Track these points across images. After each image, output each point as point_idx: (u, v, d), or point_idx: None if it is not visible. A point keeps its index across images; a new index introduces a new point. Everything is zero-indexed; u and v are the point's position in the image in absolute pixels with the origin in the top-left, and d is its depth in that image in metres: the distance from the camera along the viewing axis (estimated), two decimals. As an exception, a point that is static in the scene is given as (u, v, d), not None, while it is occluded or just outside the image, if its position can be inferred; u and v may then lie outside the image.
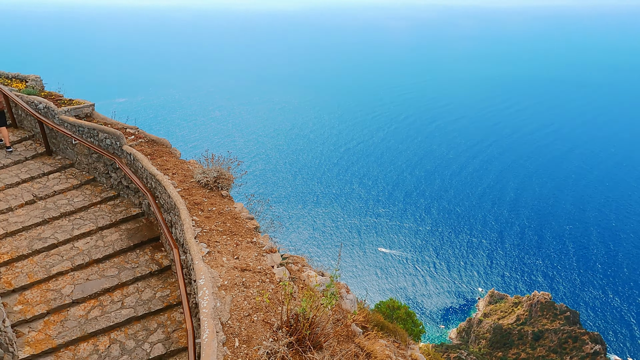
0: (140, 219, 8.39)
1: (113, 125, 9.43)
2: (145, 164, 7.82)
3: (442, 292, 66.97)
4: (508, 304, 59.49)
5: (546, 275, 68.91)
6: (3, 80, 10.98)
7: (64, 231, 7.81)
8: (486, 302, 62.02)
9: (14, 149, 9.93)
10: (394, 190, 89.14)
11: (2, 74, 11.32)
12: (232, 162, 7.63)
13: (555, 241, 75.77)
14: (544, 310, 54.84)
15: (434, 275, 69.10)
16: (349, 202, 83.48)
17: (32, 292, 6.73)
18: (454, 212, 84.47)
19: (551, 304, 55.73)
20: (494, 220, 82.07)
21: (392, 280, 67.05)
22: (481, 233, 78.63)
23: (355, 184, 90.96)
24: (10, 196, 8.39)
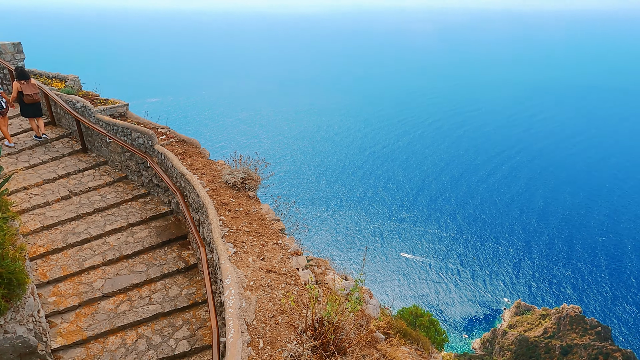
0: (169, 217, 8.58)
1: (145, 125, 9.69)
2: (176, 163, 8.00)
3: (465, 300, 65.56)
4: (535, 316, 57.69)
5: (576, 287, 66.53)
6: (44, 80, 11.47)
7: (96, 226, 8.06)
8: (512, 313, 60.33)
9: (52, 145, 10.34)
10: (419, 195, 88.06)
11: (43, 74, 11.83)
12: (259, 164, 7.71)
13: (586, 253, 73.09)
14: (573, 324, 52.89)
15: (458, 283, 67.75)
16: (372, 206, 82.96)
17: (65, 284, 6.97)
18: (480, 219, 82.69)
19: (581, 317, 53.70)
20: (521, 229, 79.87)
21: (415, 287, 66.14)
22: (508, 242, 76.65)
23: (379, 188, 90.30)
24: (48, 191, 8.74)
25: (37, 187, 8.82)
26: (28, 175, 9.07)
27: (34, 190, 8.73)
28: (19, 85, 9.67)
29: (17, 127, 10.78)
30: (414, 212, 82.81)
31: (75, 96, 10.22)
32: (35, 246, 7.45)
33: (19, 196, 8.48)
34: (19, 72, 9.79)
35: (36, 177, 9.04)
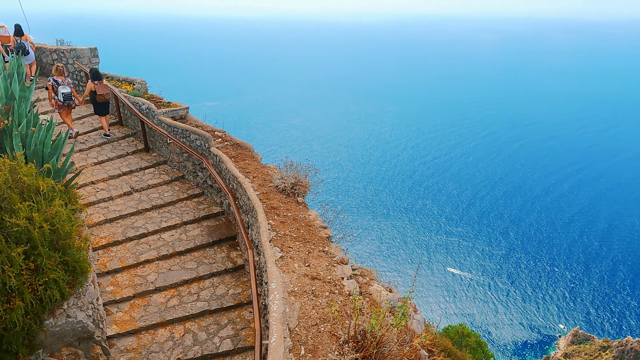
0: (221, 217, 8.87)
1: (203, 128, 10.11)
2: (229, 165, 8.27)
3: (516, 324, 62.12)
4: (595, 347, 53.52)
5: (643, 320, 61.07)
6: (114, 83, 12.32)
7: (153, 222, 8.49)
8: (568, 342, 56.37)
9: (118, 143, 11.05)
10: (469, 209, 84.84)
11: (114, 77, 12.71)
12: (309, 170, 7.79)
13: (656, 283, 66.98)
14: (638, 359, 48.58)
15: (508, 305, 64.37)
16: (419, 218, 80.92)
17: (122, 275, 7.39)
18: (535, 238, 78.22)
19: (647, 353, 49.19)
20: (581, 251, 74.61)
21: (461, 304, 63.61)
22: (565, 264, 71.87)
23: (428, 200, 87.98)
24: (112, 186, 9.33)
25: (103, 182, 9.46)
26: (96, 171, 9.75)
27: (100, 185, 9.36)
28: (93, 85, 10.54)
29: (89, 126, 11.63)
30: (463, 226, 79.87)
31: (142, 98, 10.88)
32: (98, 237, 7.97)
33: (87, 190, 9.13)
34: (94, 73, 10.68)
35: (102, 173, 9.70)
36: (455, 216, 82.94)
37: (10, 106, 6.41)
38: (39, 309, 4.75)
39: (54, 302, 4.94)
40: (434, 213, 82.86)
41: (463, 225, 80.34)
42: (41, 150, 6.08)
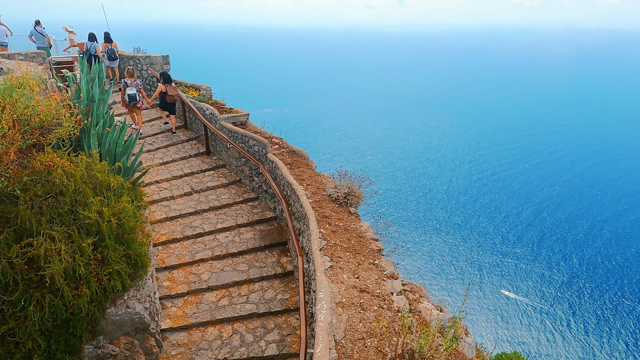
0: (273, 222, 9.03)
1: (262, 134, 10.39)
2: (284, 172, 8.42)
3: (576, 357, 57.54)
4: (666, 392, 48.26)
5: None
6: (182, 88, 13.05)
7: (209, 223, 8.82)
8: (636, 383, 51.28)
9: (182, 146, 11.64)
10: (528, 230, 79.96)
11: (182, 83, 13.46)
12: (363, 180, 7.74)
13: None
14: None
15: (567, 336, 59.79)
16: (473, 235, 77.49)
17: (178, 272, 7.72)
18: (602, 266, 72.13)
19: None
20: (656, 285, 67.82)
21: (514, 331, 59.89)
22: (636, 297, 65.66)
23: (483, 217, 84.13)
24: (174, 186, 9.83)
25: (167, 182, 9.98)
26: (160, 171, 10.31)
27: (163, 184, 9.89)
28: (164, 87, 11.56)
29: (157, 128, 12.36)
30: (520, 247, 75.39)
31: (206, 104, 11.41)
32: (159, 234, 8.39)
33: (151, 188, 9.67)
34: (165, 76, 11.77)
35: (166, 173, 10.24)
36: (512, 236, 78.47)
37: (90, 107, 6.95)
38: (103, 297, 5.07)
39: (116, 292, 5.25)
40: (489, 232, 78.96)
41: (521, 246, 75.85)
42: (114, 149, 6.53)
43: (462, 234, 77.25)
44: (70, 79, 8.42)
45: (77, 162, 5.40)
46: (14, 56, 11.74)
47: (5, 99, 4.76)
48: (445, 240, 76.08)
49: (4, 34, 16.66)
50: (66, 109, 5.81)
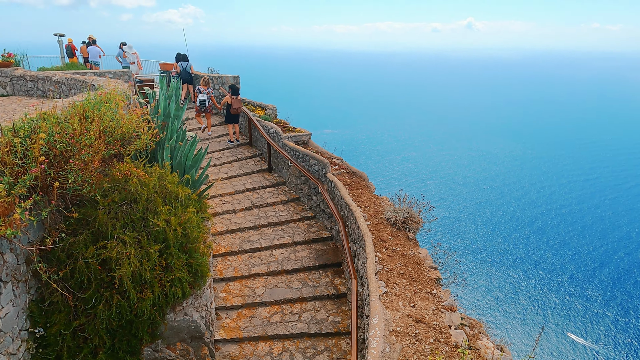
0: (329, 242, 9.01)
1: (322, 154, 10.51)
2: (343, 193, 8.41)
3: (658, 418, 50.74)
4: None
5: None
6: (250, 107, 13.64)
7: (267, 239, 8.98)
8: None
9: (246, 162, 12.09)
10: (600, 269, 72.77)
11: (250, 102, 14.09)
12: (423, 206, 7.52)
13: None
14: None
15: (648, 394, 53.02)
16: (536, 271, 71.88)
17: (234, 284, 7.90)
18: (694, 318, 63.72)
19: None
20: None
21: (584, 381, 54.23)
22: None
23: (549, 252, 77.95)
24: (236, 201, 10.17)
25: (229, 196, 10.36)
26: (224, 185, 10.74)
27: (226, 198, 10.28)
28: (230, 98, 12.43)
29: (223, 145, 12.95)
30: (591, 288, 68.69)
31: (271, 123, 11.81)
32: (219, 246, 8.68)
33: (215, 201, 10.08)
34: (233, 89, 12.63)
35: (229, 187, 10.65)
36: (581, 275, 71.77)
37: (166, 122, 7.45)
38: (164, 303, 5.29)
39: (176, 299, 5.46)
40: (555, 268, 72.86)
41: (591, 287, 69.13)
42: (184, 162, 6.91)
43: (524, 269, 71.86)
44: (150, 95, 9.10)
45: (150, 172, 5.78)
46: (105, 74, 12.97)
47: (94, 112, 5.24)
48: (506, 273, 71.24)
49: (98, 54, 18.53)
50: (145, 123, 6.27)
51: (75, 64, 18.48)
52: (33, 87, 11.97)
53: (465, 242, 79.87)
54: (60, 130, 4.40)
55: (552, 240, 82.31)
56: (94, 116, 5.16)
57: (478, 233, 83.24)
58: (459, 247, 76.19)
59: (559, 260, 76.75)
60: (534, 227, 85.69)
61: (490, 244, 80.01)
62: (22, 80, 12.12)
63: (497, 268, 73.93)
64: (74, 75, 10.98)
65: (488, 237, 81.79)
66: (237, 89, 12.63)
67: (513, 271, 73.79)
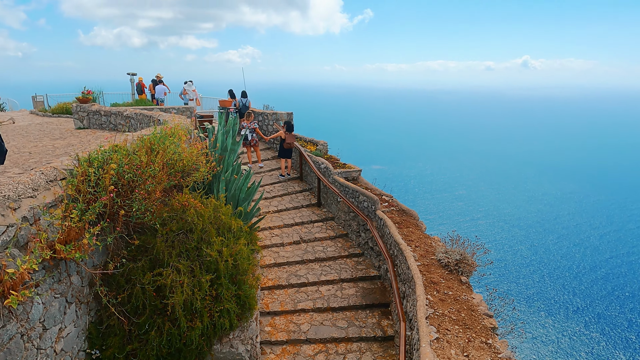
0: (376, 281, 8.80)
1: (372, 191, 10.46)
2: (392, 231, 8.26)
3: None
4: None
5: None
6: (301, 143, 13.99)
7: (314, 274, 8.93)
8: None
9: (296, 196, 12.27)
10: (683, 329, 64.92)
11: (302, 138, 14.47)
12: (477, 248, 7.19)
13: None
14: None
15: None
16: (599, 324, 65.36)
17: (279, 319, 7.86)
18: None
19: None
20: None
21: None
22: None
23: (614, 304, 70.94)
24: (285, 234, 10.28)
25: (278, 229, 10.50)
26: (274, 218, 10.93)
27: (275, 231, 10.42)
28: (284, 133, 12.85)
29: (275, 179, 13.28)
30: (672, 350, 60.98)
31: (321, 158, 12.00)
32: (266, 279, 8.73)
33: (264, 234, 10.25)
34: (288, 125, 13.09)
35: (279, 221, 10.81)
36: (658, 333, 64.19)
37: (223, 156, 7.79)
38: (212, 333, 5.35)
39: (223, 330, 5.51)
40: (620, 323, 65.81)
41: (673, 349, 61.43)
42: (238, 195, 7.14)
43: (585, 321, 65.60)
44: (209, 130, 9.61)
45: (206, 203, 6.01)
46: (170, 110, 13.90)
47: (160, 145, 5.59)
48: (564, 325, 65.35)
49: (163, 92, 19.96)
50: (204, 156, 6.59)
51: (144, 100, 20.02)
52: (106, 121, 13.04)
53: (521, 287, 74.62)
54: (129, 162, 4.73)
55: (617, 291, 75.07)
56: (159, 149, 5.51)
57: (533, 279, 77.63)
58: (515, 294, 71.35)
59: (625, 314, 69.59)
60: (597, 275, 78.73)
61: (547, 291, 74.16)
62: (97, 114, 13.25)
63: (555, 318, 68.10)
64: (142, 111, 11.86)
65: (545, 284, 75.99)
66: (292, 125, 13.09)
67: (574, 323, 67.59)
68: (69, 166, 4.41)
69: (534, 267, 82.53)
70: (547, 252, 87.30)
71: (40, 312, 3.70)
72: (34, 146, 10.19)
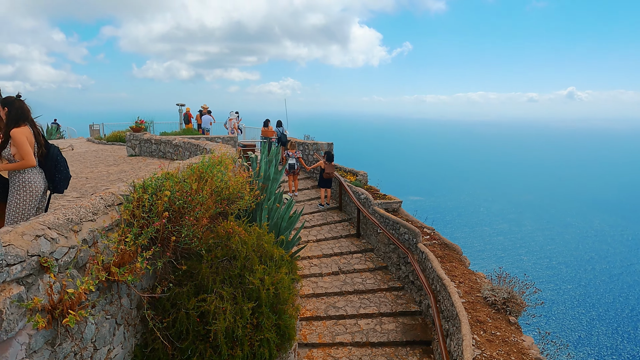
0: (417, 317, 8.50)
1: (413, 223, 10.28)
2: (435, 265, 8.02)
3: None
4: None
5: None
6: (341, 173, 14.08)
7: (352, 306, 8.76)
8: None
9: (335, 226, 12.24)
10: None
11: (342, 168, 14.56)
12: (527, 287, 6.83)
13: None
14: None
15: None
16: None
17: (317, 351, 7.70)
18: None
19: None
20: None
21: None
22: None
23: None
24: (323, 264, 10.21)
25: (317, 259, 10.45)
26: (313, 248, 10.91)
27: (314, 260, 10.38)
28: (324, 163, 13.03)
29: (314, 208, 13.34)
30: None
31: (361, 189, 11.98)
32: (304, 309, 8.65)
33: (303, 263, 10.22)
34: (328, 155, 13.30)
35: (318, 251, 10.77)
36: None
37: (265, 185, 7.95)
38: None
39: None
40: None
41: None
42: (280, 223, 7.21)
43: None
44: (252, 159, 9.87)
45: (250, 231, 6.11)
46: (215, 139, 14.44)
47: (208, 173, 5.80)
48: (626, 376, 59.83)
49: (209, 122, 20.82)
50: (248, 185, 6.76)
51: (190, 129, 20.95)
52: (156, 149, 13.71)
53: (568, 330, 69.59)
54: (180, 189, 4.92)
55: (688, 341, 68.31)
56: (208, 177, 5.71)
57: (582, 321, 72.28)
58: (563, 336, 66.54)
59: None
60: (658, 319, 72.14)
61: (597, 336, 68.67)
62: (148, 143, 13.97)
63: (612, 365, 62.57)
64: (190, 140, 12.40)
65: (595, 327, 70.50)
66: (332, 155, 13.25)
67: (634, 373, 61.78)
68: (125, 192, 4.65)
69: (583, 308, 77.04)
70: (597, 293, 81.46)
71: (93, 332, 3.83)
72: (90, 172, 10.82)
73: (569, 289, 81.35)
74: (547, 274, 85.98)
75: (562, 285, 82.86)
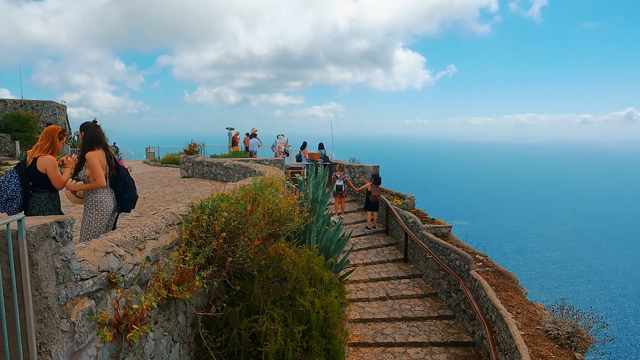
0: (470, 348, 8.09)
1: (464, 249, 9.92)
2: (489, 293, 7.65)
3: None
4: None
5: None
6: (388, 196, 13.93)
7: (401, 334, 8.49)
8: None
9: (381, 250, 12.04)
10: None
11: (388, 191, 14.40)
12: (594, 321, 6.35)
13: None
14: None
15: None
16: None
17: (365, 379, 7.49)
18: None
19: None
20: None
21: None
22: None
23: None
24: (370, 289, 10.02)
25: (363, 283, 10.28)
26: (360, 272, 10.75)
27: (360, 285, 10.21)
28: (370, 186, 13.02)
29: (360, 231, 13.22)
30: None
31: (409, 212, 11.76)
32: (352, 335, 8.47)
33: (349, 287, 10.08)
34: (376, 178, 13.22)
35: (364, 275, 10.60)
36: None
37: (314, 207, 8.00)
38: (301, 387, 5.24)
39: (311, 385, 5.37)
40: None
41: None
42: (328, 246, 7.19)
43: None
44: (300, 182, 10.00)
45: (300, 253, 6.13)
46: (263, 162, 14.79)
47: (260, 195, 5.92)
48: None
49: (256, 145, 21.40)
50: (297, 207, 6.82)
51: (238, 152, 21.61)
52: (207, 171, 14.22)
53: (641, 372, 63.56)
54: (235, 210, 5.05)
55: None
56: (260, 199, 5.83)
57: (657, 363, 65.79)
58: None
59: None
60: None
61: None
62: (200, 165, 14.53)
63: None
64: (240, 162, 12.78)
65: (674, 372, 63.92)
66: (379, 178, 13.17)
67: None
68: (184, 212, 4.83)
69: (655, 347, 69.93)
70: (671, 332, 73.81)
71: (152, 348, 3.94)
72: (147, 192, 11.37)
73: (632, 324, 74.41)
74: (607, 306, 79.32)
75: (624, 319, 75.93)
